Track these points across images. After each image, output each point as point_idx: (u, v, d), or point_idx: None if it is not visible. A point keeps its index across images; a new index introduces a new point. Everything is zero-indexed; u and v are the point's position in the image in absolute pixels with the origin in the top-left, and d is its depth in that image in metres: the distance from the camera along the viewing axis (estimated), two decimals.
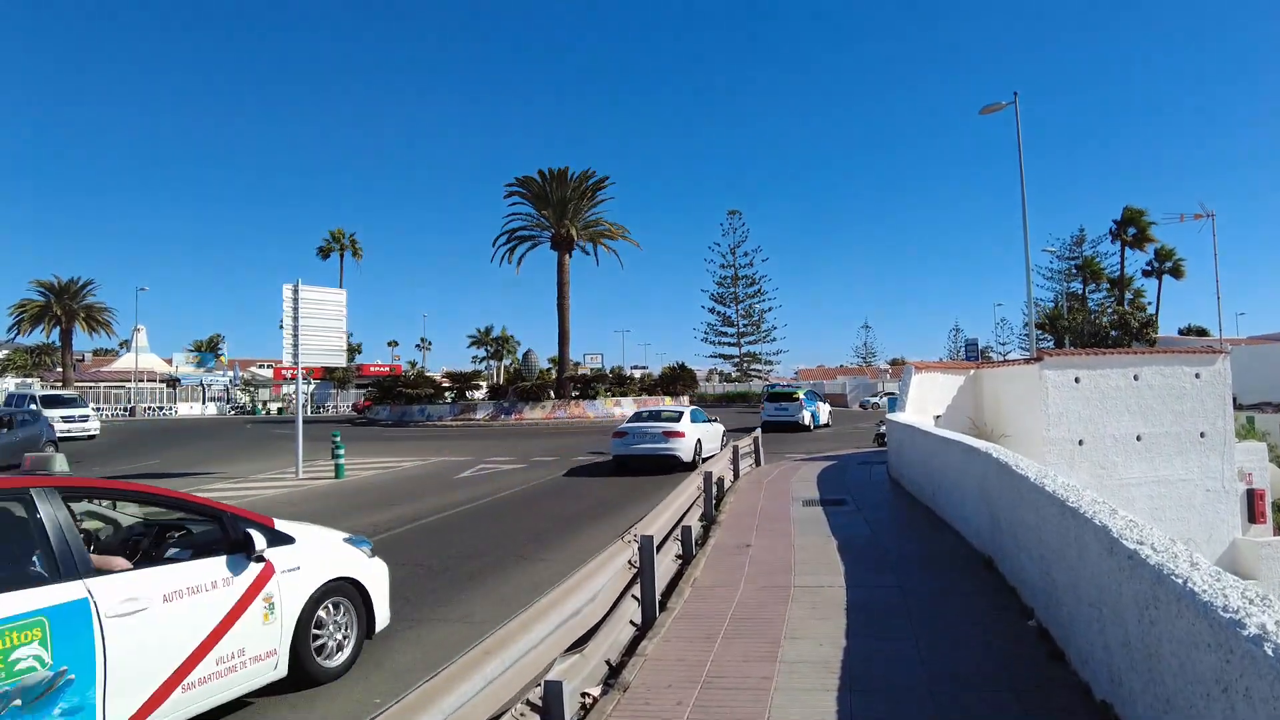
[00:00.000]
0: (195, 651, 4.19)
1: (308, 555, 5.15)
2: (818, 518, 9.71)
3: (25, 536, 3.77)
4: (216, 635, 4.32)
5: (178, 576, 4.21)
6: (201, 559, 4.43)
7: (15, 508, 3.85)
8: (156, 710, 3.97)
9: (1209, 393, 16.21)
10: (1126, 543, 3.11)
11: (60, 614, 3.59)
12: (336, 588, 5.27)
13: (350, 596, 5.42)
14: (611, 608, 5.25)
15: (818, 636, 5.13)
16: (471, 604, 7.00)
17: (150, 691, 3.94)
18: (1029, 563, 5.20)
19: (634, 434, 16.71)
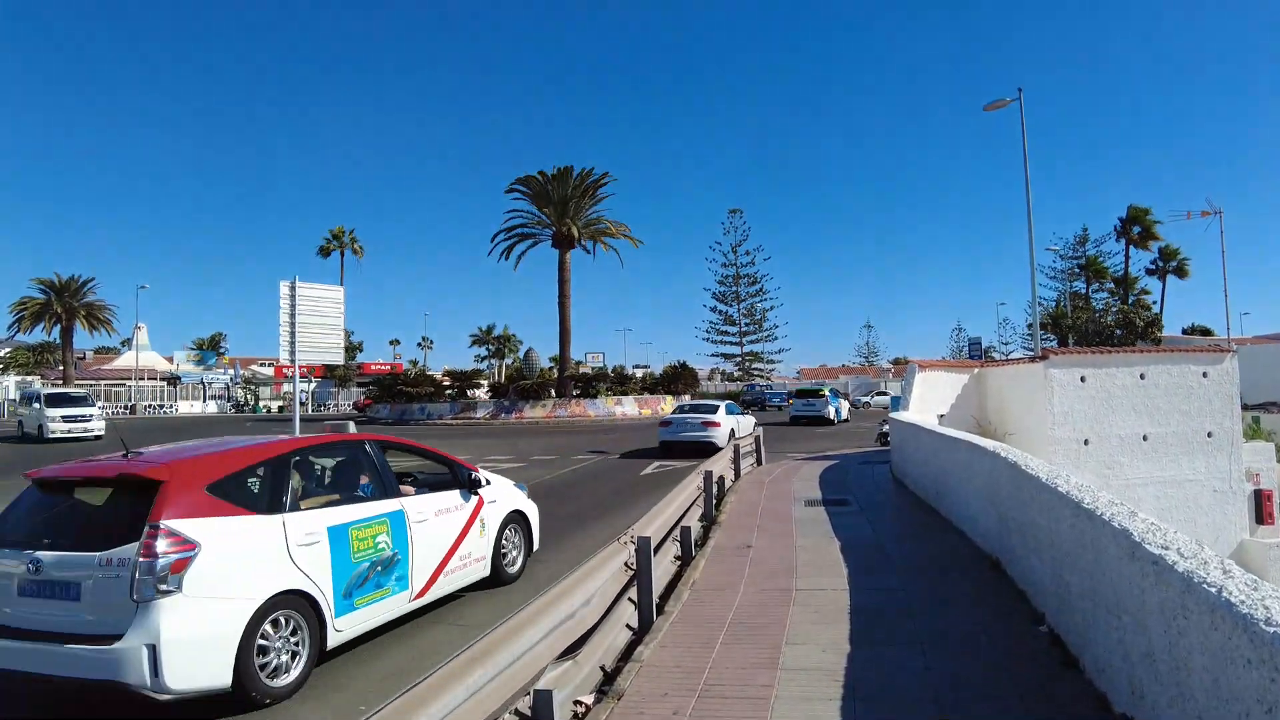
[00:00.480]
0: (450, 550, 6.44)
1: (499, 493, 7.40)
2: (820, 518, 9.52)
3: (371, 469, 6.09)
4: (458, 542, 6.57)
5: (438, 501, 6.49)
6: (440, 492, 6.63)
7: (359, 453, 6.19)
8: (432, 587, 6.22)
9: (1216, 392, 16.01)
10: (1150, 547, 2.92)
11: (392, 518, 5.86)
12: (514, 517, 7.58)
13: (520, 523, 7.75)
14: (607, 611, 5.07)
15: (820, 642, 4.95)
16: (468, 605, 6.82)
17: (430, 573, 6.18)
18: (1039, 565, 5.01)
19: (678, 424, 20.43)
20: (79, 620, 4.42)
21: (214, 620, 4.49)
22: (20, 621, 4.54)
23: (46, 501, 5.17)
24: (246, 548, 4.82)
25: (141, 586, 4.28)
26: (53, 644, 4.37)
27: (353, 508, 5.67)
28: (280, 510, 5.15)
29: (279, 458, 5.44)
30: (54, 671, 4.41)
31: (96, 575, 4.40)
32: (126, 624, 4.27)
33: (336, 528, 5.41)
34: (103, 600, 4.37)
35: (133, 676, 4.20)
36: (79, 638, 4.34)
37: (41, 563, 4.51)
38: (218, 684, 4.46)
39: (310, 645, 5.03)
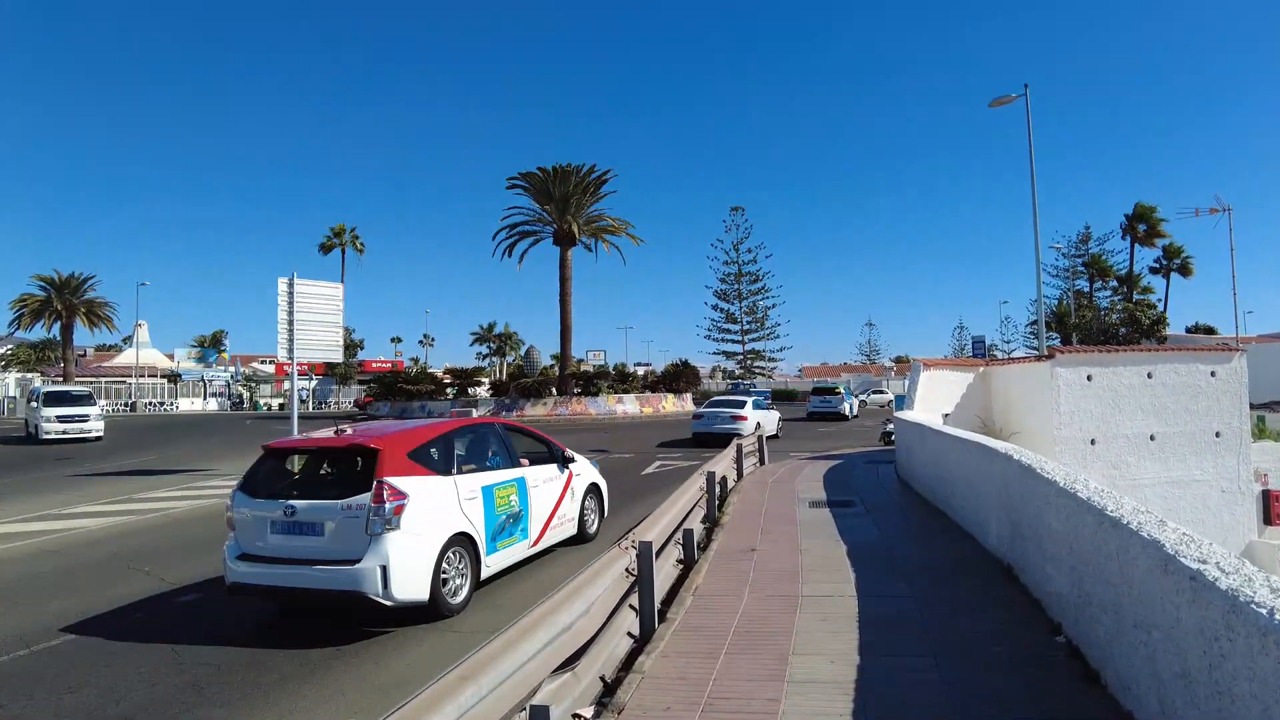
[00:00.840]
0: (552, 511, 8.19)
1: (582, 469, 9.21)
2: (825, 520, 9.34)
3: (501, 445, 7.84)
4: (558, 504, 8.34)
5: (544, 472, 8.22)
6: (544, 465, 8.34)
7: (494, 432, 8.01)
8: (542, 539, 7.95)
9: (1224, 391, 15.81)
10: (1186, 561, 2.73)
11: (518, 482, 7.54)
12: (592, 488, 9.38)
13: (596, 494, 9.56)
14: (607, 620, 4.89)
15: (828, 653, 4.76)
16: (464, 611, 6.64)
17: (541, 527, 7.93)
18: (1056, 574, 4.82)
19: (709, 416, 23.47)
20: (324, 550, 6.05)
21: (419, 550, 6.10)
22: (277, 552, 6.17)
23: (282, 465, 6.99)
24: (434, 499, 6.46)
25: (374, 524, 5.93)
26: (304, 566, 6.03)
27: (494, 473, 7.44)
28: (451, 473, 6.85)
29: (447, 434, 7.23)
30: (307, 585, 6.04)
31: (338, 517, 6.04)
32: (362, 551, 5.88)
33: (486, 487, 7.14)
34: (343, 534, 6.00)
35: (370, 588, 5.81)
36: (325, 562, 5.99)
37: (295, 509, 6.12)
38: (420, 597, 6.08)
39: (471, 576, 6.69)
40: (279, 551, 6.17)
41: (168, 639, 6.06)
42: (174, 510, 12.53)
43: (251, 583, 6.24)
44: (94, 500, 13.65)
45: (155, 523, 11.52)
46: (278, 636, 6.05)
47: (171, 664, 5.53)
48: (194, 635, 6.14)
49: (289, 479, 6.87)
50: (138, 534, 10.62)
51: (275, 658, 5.58)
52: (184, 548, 9.67)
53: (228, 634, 6.15)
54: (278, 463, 6.88)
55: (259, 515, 6.30)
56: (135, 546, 9.78)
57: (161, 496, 14.11)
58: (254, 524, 6.33)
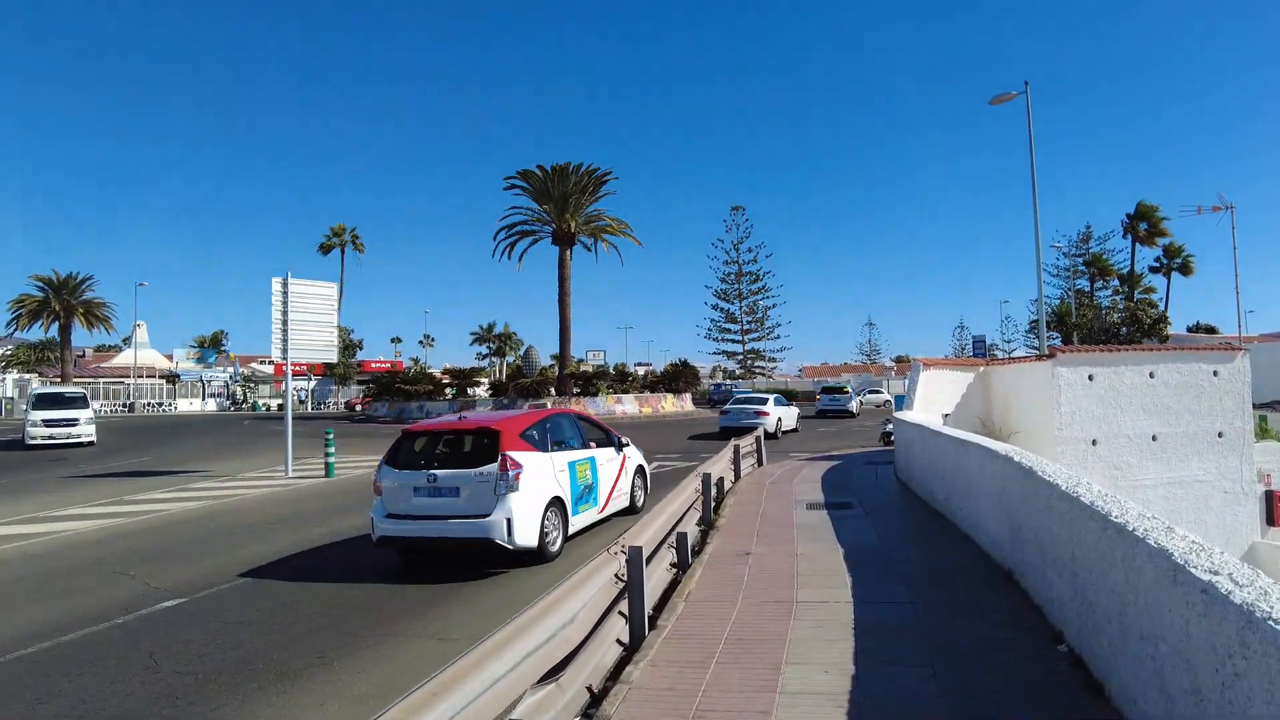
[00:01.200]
0: (613, 485, 9.94)
1: (631, 453, 10.89)
2: (822, 523, 9.18)
3: (576, 430, 9.56)
4: (616, 480, 10.04)
5: (607, 453, 9.96)
6: (606, 448, 10.06)
7: (572, 420, 9.81)
8: (606, 506, 9.73)
9: (1227, 391, 15.66)
10: (1196, 572, 2.58)
11: (590, 460, 9.29)
12: (639, 469, 11.08)
13: (641, 474, 11.20)
14: (594, 628, 4.74)
15: (823, 662, 4.61)
16: (450, 616, 6.50)
17: (606, 497, 9.71)
18: (1058, 580, 4.67)
19: (735, 412, 26.54)
20: (460, 508, 7.79)
21: (531, 508, 7.88)
22: (420, 511, 7.90)
23: (417, 444, 8.60)
24: (538, 469, 8.25)
25: (499, 486, 7.70)
26: (442, 521, 7.78)
27: (574, 452, 9.27)
28: (547, 450, 8.68)
29: (542, 420, 9.05)
30: (446, 535, 7.79)
31: (472, 482, 7.80)
32: (491, 508, 7.66)
33: (570, 462, 9.01)
34: (475, 495, 7.76)
35: (498, 536, 7.58)
36: (461, 517, 7.74)
37: (437, 477, 7.92)
38: (532, 544, 7.84)
39: (562, 531, 8.49)
40: (422, 510, 7.91)
41: (146, 646, 5.91)
42: (166, 512, 12.38)
43: (398, 535, 8.01)
44: (86, 502, 13.51)
45: (146, 525, 11.37)
46: (259, 645, 5.89)
47: (148, 673, 5.38)
48: (172, 643, 5.99)
49: (424, 454, 8.51)
50: (127, 537, 10.47)
51: (255, 667, 5.43)
52: (172, 551, 9.52)
53: (208, 642, 6.00)
54: (411, 442, 8.56)
55: (404, 483, 8.04)
56: (123, 549, 9.64)
57: (154, 498, 13.97)
58: (399, 490, 8.05)
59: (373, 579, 7.82)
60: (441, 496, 7.87)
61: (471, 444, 8.42)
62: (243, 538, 10.22)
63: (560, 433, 9.30)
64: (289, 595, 7.29)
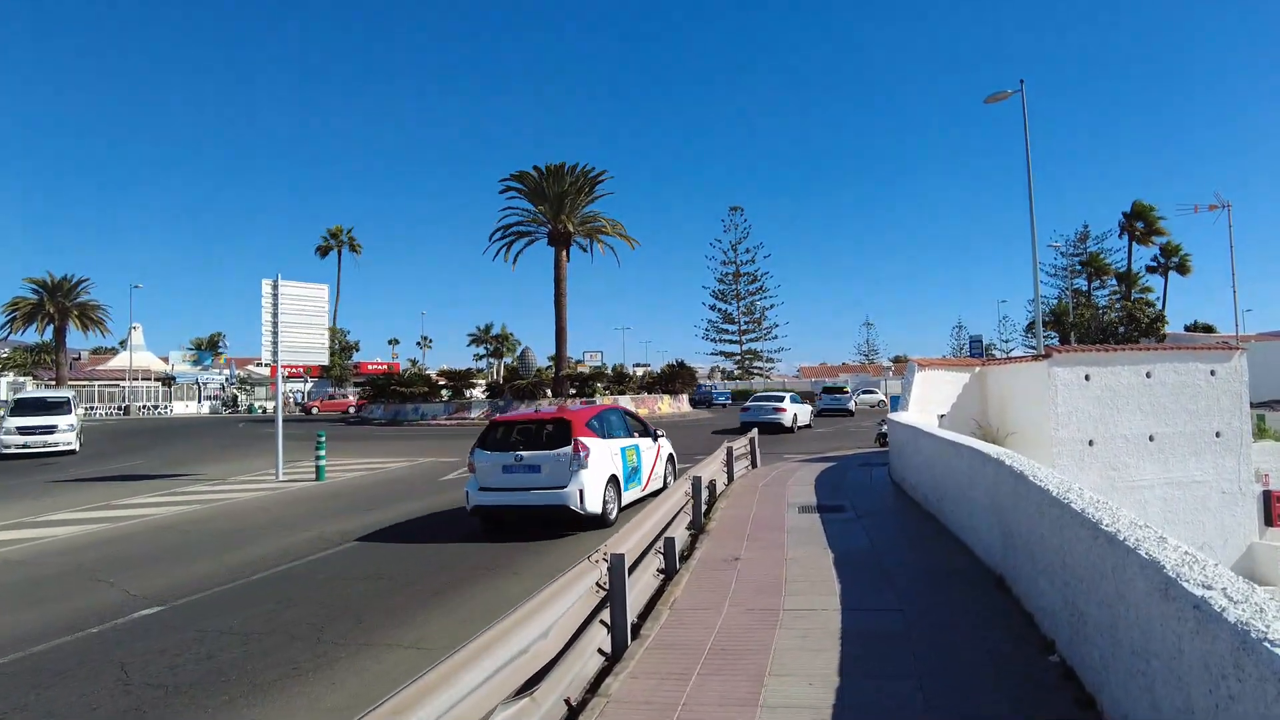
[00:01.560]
0: (651, 468, 11.73)
1: (664, 443, 12.59)
2: (814, 526, 9.04)
3: (623, 422, 11.68)
4: (653, 465, 11.84)
5: (646, 442, 11.81)
6: (646, 438, 11.83)
7: (622, 414, 12.01)
8: (647, 486, 11.56)
9: (1225, 391, 15.54)
10: (1189, 586, 2.45)
11: (635, 446, 11.31)
12: (669, 457, 12.79)
13: (671, 461, 12.96)
14: (574, 638, 4.60)
15: (808, 673, 4.47)
16: (429, 625, 6.36)
17: (647, 478, 11.57)
18: (1049, 588, 4.54)
19: (755, 409, 28.98)
20: (540, 481, 9.66)
21: (596, 482, 9.77)
22: (507, 484, 9.79)
23: (501, 432, 10.45)
24: (600, 452, 10.09)
25: (573, 465, 9.59)
26: (526, 493, 9.67)
27: (623, 440, 11.17)
28: (605, 437, 10.56)
29: (601, 413, 11.19)
30: (530, 504, 9.68)
31: (551, 460, 9.67)
32: (567, 481, 9.54)
33: (621, 448, 10.90)
34: (554, 471, 9.63)
35: (572, 503, 9.48)
36: (542, 489, 9.61)
37: (522, 457, 9.78)
38: (597, 510, 9.72)
39: (617, 503, 10.38)
40: (509, 484, 9.81)
41: (118, 657, 5.77)
42: (153, 517, 12.22)
43: (489, 504, 9.94)
44: (72, 507, 13.35)
45: (131, 530, 11.22)
46: (234, 656, 5.75)
47: (118, 685, 5.24)
48: (146, 653, 5.84)
49: (508, 439, 10.31)
50: (111, 543, 10.32)
51: (227, 678, 5.29)
52: (156, 557, 9.38)
53: (182, 651, 5.85)
54: (497, 430, 10.51)
55: (494, 462, 9.92)
56: (106, 556, 9.49)
57: (143, 502, 13.82)
58: (490, 468, 9.93)
59: (354, 586, 7.68)
60: (525, 472, 9.79)
61: (546, 431, 10.31)
62: (228, 543, 10.07)
63: (613, 424, 11.23)
64: (268, 603, 7.15)
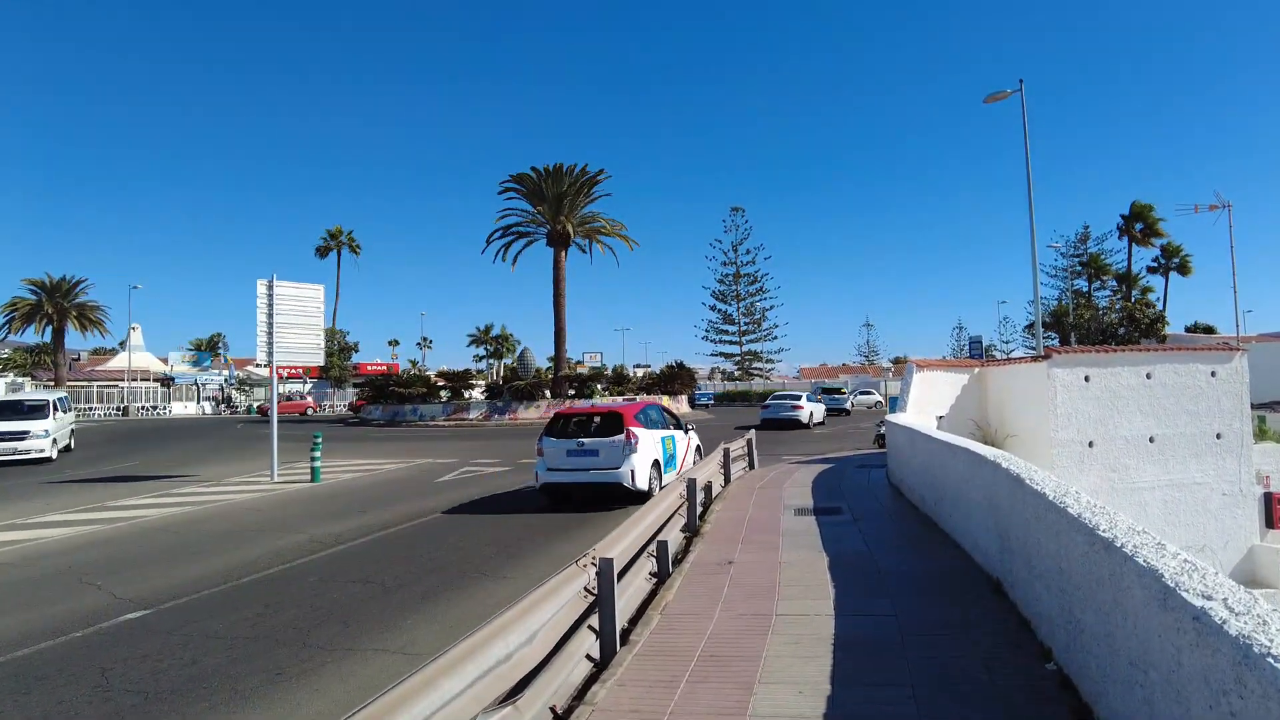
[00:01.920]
0: (683, 457, 13.89)
1: (692, 435, 14.81)
2: (809, 529, 8.94)
3: (661, 415, 13.80)
4: (685, 452, 14.11)
5: (678, 433, 14.00)
6: (678, 430, 14.03)
7: (660, 408, 14.18)
8: (681, 469, 13.41)
9: (1225, 392, 15.43)
10: (1188, 596, 2.35)
11: (671, 437, 13.46)
12: (697, 447, 14.92)
13: (699, 451, 14.95)
14: (559, 645, 4.50)
15: (798, 681, 4.37)
16: (417, 630, 6.26)
17: (681, 462, 13.69)
18: (1046, 594, 4.43)
19: (774, 407, 31.72)
20: (599, 463, 11.68)
21: (644, 464, 11.77)
22: (570, 465, 11.86)
23: (565, 422, 12.55)
24: (646, 440, 12.04)
25: (625, 449, 11.59)
26: (586, 472, 11.73)
27: (662, 431, 13.13)
28: (649, 428, 12.40)
29: (645, 407, 12.95)
30: (589, 480, 11.74)
31: (607, 446, 11.65)
32: (620, 463, 11.57)
33: (661, 437, 12.79)
34: (609, 455, 11.64)
35: (625, 481, 11.52)
36: (599, 469, 11.65)
37: (583, 443, 11.81)
38: (644, 488, 11.64)
39: (659, 482, 12.02)
40: (571, 465, 11.94)
41: (101, 662, 5.67)
42: (145, 519, 12.12)
43: (555, 481, 12.07)
44: (65, 509, 13.26)
45: (123, 532, 11.12)
46: (218, 661, 5.65)
47: (98, 692, 5.14)
48: (129, 658, 5.75)
49: (569, 428, 12.45)
50: (102, 545, 10.22)
51: (209, 684, 5.19)
52: (146, 560, 9.28)
53: (165, 657, 5.76)
54: (561, 421, 12.72)
55: (559, 447, 12.07)
56: (95, 558, 9.39)
57: (137, 504, 13.73)
58: (556, 452, 12.07)
59: (343, 590, 7.59)
60: (586, 455, 11.89)
61: (602, 422, 12.36)
62: (219, 545, 9.97)
63: (654, 418, 13.24)
64: (255, 606, 7.06)
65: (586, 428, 12.30)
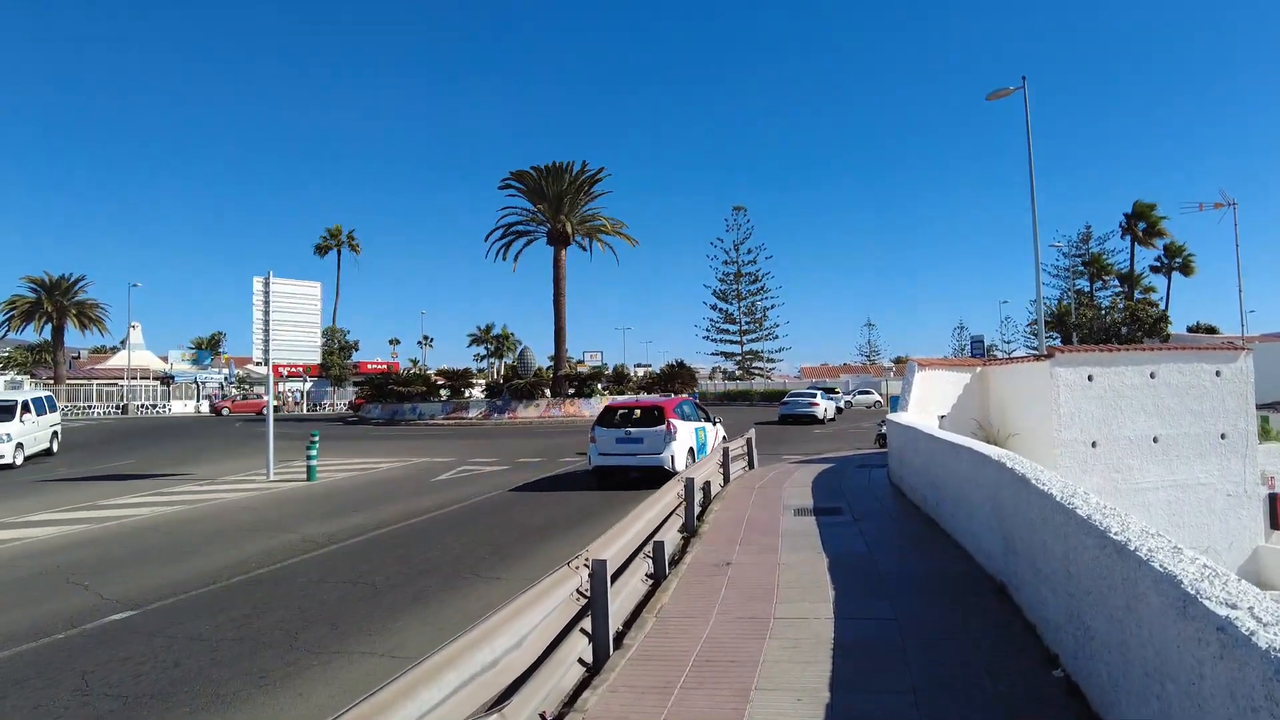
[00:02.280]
0: (713, 444, 15.62)
1: (720, 427, 16.89)
2: (809, 530, 8.79)
3: (695, 408, 15.97)
4: (714, 441, 15.89)
5: (708, 425, 16.00)
6: (708, 422, 16.05)
7: (692, 403, 16.49)
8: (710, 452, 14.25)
9: (1230, 392, 15.27)
10: (1210, 604, 2.20)
11: (702, 428, 15.43)
12: (723, 437, 16.39)
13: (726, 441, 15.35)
14: (550, 648, 4.36)
15: (796, 687, 4.22)
16: (407, 632, 6.12)
17: (710, 450, 14.87)
18: (1052, 598, 4.28)
19: (792, 403, 35.15)
20: (642, 449, 13.64)
21: (681, 451, 13.75)
22: (619, 450, 13.86)
23: (614, 413, 14.71)
24: (683, 430, 14.04)
25: (666, 438, 13.56)
26: (632, 456, 13.73)
27: (695, 423, 14.91)
28: (684, 420, 14.34)
29: (681, 402, 15.28)
30: (635, 464, 13.77)
31: (651, 435, 13.67)
32: (662, 449, 13.50)
33: (695, 428, 14.68)
34: (652, 442, 13.61)
35: (665, 465, 13.37)
36: (644, 454, 13.61)
37: (630, 432, 13.87)
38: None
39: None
40: (619, 450, 13.80)
41: (81, 665, 5.53)
42: (136, 518, 11.99)
43: (605, 464, 13.95)
44: (57, 507, 13.13)
45: (114, 531, 10.99)
46: (200, 664, 5.51)
47: (76, 695, 5.00)
48: (110, 661, 5.60)
49: (617, 420, 14.41)
50: (92, 544, 10.09)
51: (190, 689, 5.05)
52: (135, 559, 9.14)
53: (147, 659, 5.61)
54: (610, 413, 14.83)
55: (609, 435, 13.97)
56: (83, 558, 9.26)
57: (130, 502, 13.60)
58: (606, 439, 13.98)
59: (333, 591, 7.44)
60: (632, 443, 13.83)
61: (646, 414, 14.27)
62: (210, 545, 9.84)
63: (688, 411, 15.23)
64: (243, 608, 6.91)
65: (632, 419, 14.34)
